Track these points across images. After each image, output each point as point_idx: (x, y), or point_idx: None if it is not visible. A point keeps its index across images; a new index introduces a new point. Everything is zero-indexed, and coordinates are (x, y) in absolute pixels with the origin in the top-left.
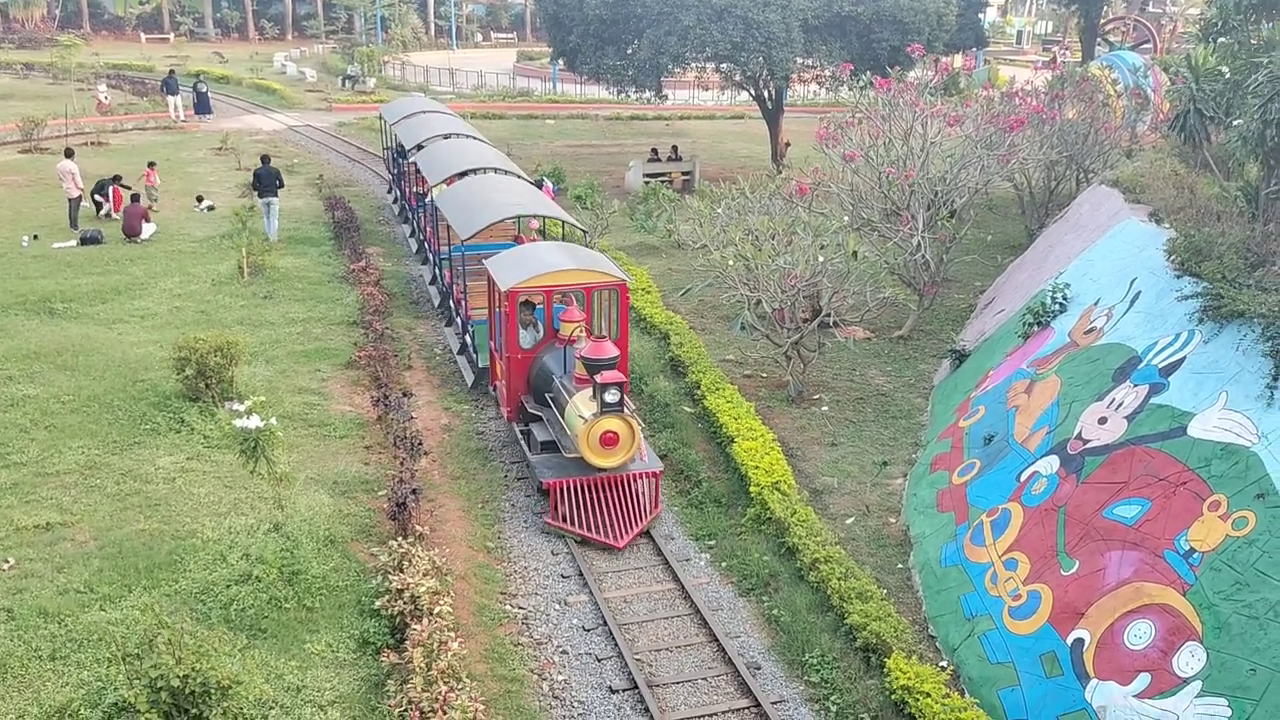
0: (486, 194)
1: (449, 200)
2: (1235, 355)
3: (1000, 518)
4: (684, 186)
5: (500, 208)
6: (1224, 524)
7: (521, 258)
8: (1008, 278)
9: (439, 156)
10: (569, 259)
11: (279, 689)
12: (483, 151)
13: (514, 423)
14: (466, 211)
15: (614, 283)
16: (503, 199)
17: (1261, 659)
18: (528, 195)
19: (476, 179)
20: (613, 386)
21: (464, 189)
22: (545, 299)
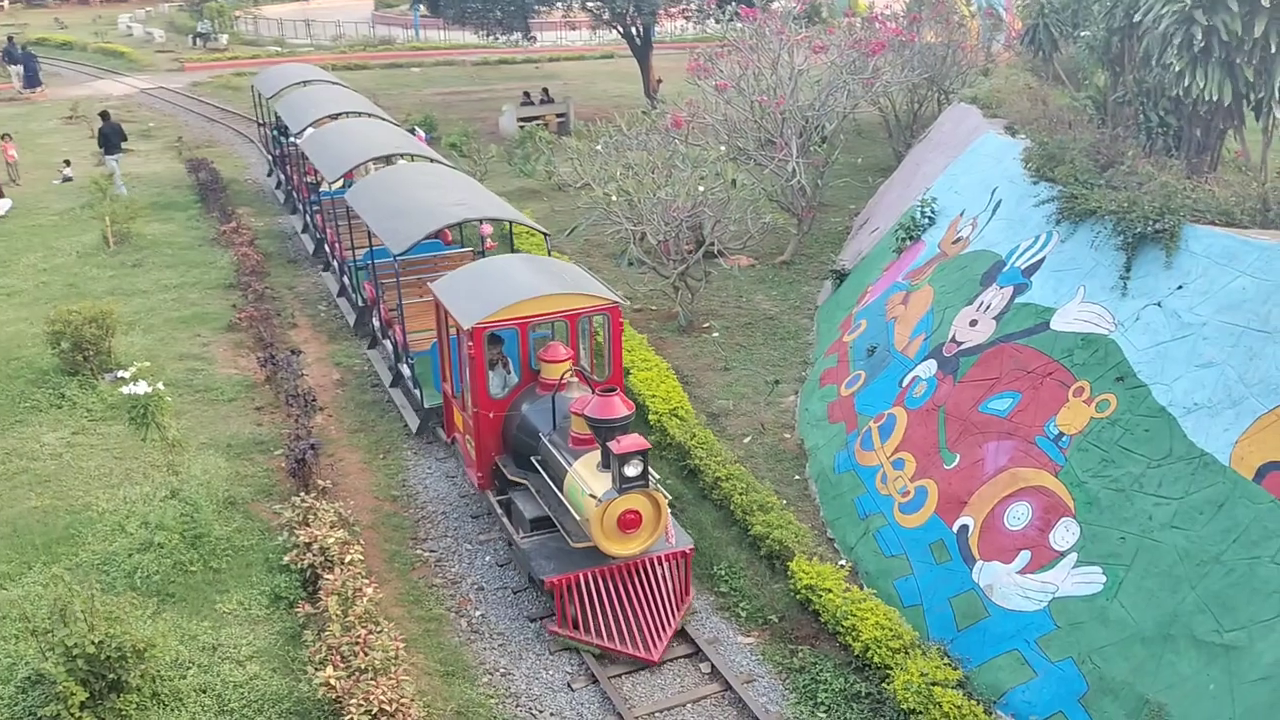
0: (414, 194)
1: (366, 200)
2: (1090, 252)
3: (886, 422)
4: (559, 128)
5: (438, 212)
6: (1088, 408)
7: (482, 280)
8: (879, 198)
9: (336, 146)
10: (546, 280)
11: (194, 649)
12: (390, 136)
13: (488, 491)
14: (396, 220)
15: (605, 306)
16: (437, 199)
17: (1129, 528)
18: (466, 190)
19: (393, 173)
20: (634, 457)
21: (379, 187)
22: (521, 334)
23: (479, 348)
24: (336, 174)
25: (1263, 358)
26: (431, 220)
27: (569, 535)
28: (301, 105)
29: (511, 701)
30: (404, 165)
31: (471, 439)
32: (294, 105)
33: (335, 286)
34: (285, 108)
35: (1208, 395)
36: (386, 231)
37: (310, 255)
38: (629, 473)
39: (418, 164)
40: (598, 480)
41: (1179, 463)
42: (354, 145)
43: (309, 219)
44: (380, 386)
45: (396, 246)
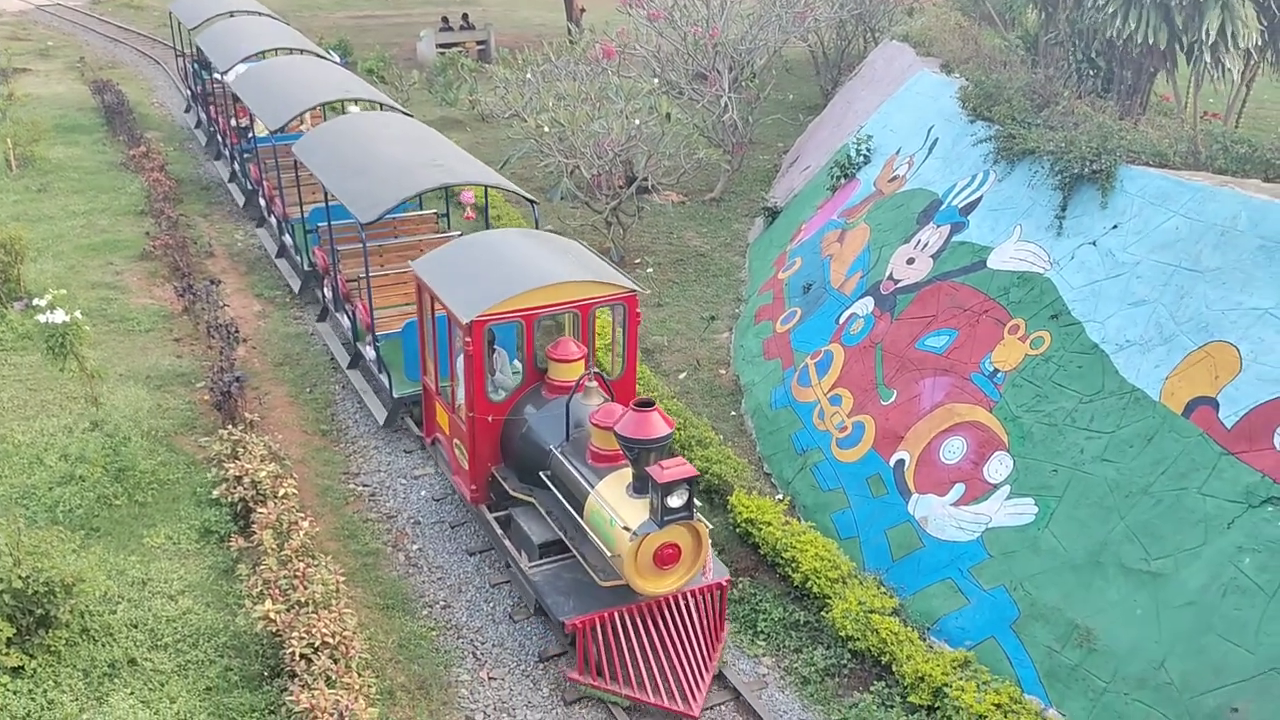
0: (380, 151)
1: (322, 154)
2: (1027, 191)
3: (823, 359)
4: (480, 56)
5: (412, 175)
6: (1023, 345)
7: (478, 262)
8: (810, 136)
9: (276, 88)
10: (555, 264)
11: (123, 584)
12: (337, 77)
13: (481, 505)
14: (360, 181)
15: (620, 295)
16: (407, 157)
17: (1061, 460)
18: (437, 147)
19: (351, 123)
20: (680, 486)
21: (337, 140)
22: (525, 327)
23: (478, 344)
24: (279, 121)
25: (1193, 296)
26: (405, 184)
27: (593, 570)
28: (228, 39)
29: (453, 633)
30: (362, 115)
31: (463, 446)
32: (220, 39)
33: (274, 246)
34: (210, 41)
35: (1139, 332)
36: (350, 194)
37: (241, 208)
38: (673, 504)
39: (380, 114)
40: (629, 507)
41: (1110, 398)
42: (297, 88)
43: (238, 167)
44: (304, 320)
45: (364, 214)
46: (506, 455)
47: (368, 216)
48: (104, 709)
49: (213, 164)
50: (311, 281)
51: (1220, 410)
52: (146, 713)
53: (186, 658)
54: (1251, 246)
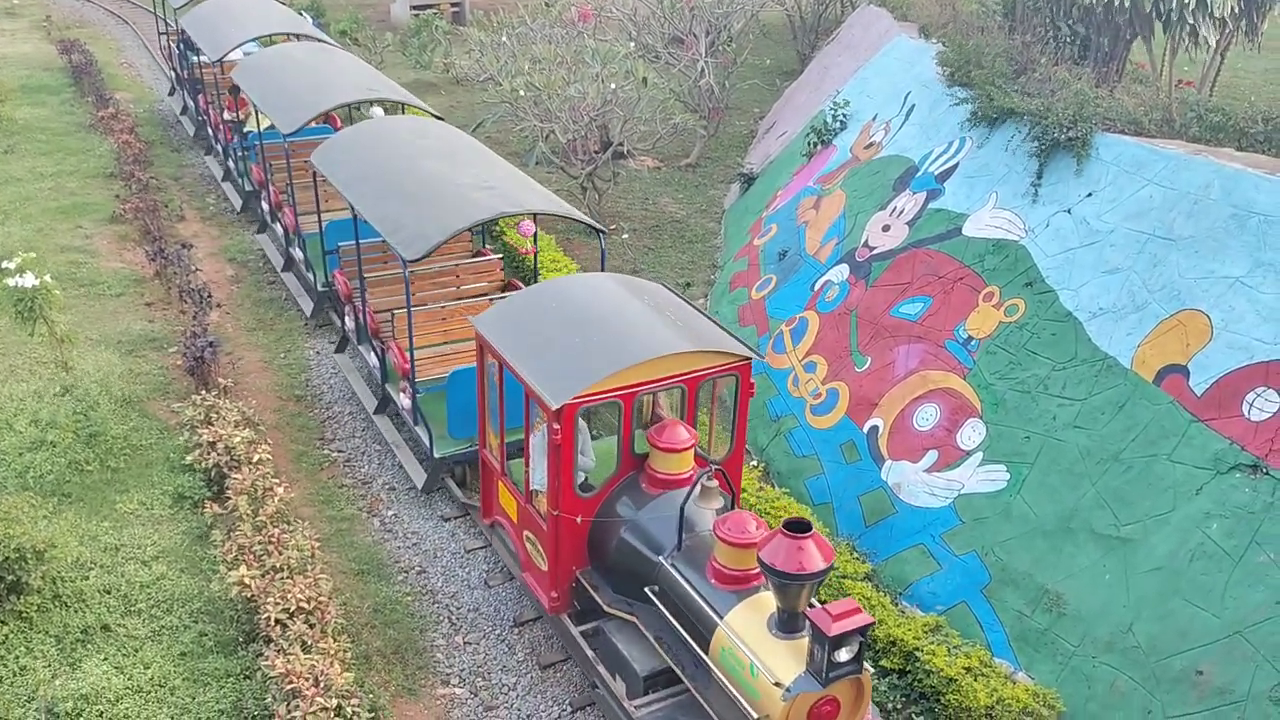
0: (417, 166)
1: (345, 166)
2: (1004, 157)
3: (798, 326)
4: (454, 18)
5: (467, 200)
6: (997, 312)
7: (557, 320)
8: (786, 101)
9: (288, 84)
10: (652, 322)
11: (95, 550)
12: (356, 69)
13: (562, 615)
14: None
15: (735, 364)
16: (451, 175)
17: (1034, 427)
18: (485, 164)
19: (376, 130)
20: (852, 636)
21: (363, 149)
22: (625, 408)
23: (568, 432)
24: (294, 124)
25: (1166, 265)
26: (456, 215)
27: None
28: (220, 21)
29: (428, 598)
30: (392, 121)
31: (539, 543)
32: (210, 21)
33: (279, 258)
34: (197, 24)
35: (1112, 300)
36: (389, 224)
37: (238, 212)
38: (842, 658)
39: (413, 120)
40: (774, 651)
41: (1083, 365)
42: (311, 85)
43: (233, 165)
44: (276, 284)
45: (409, 249)
46: (596, 558)
47: (414, 252)
48: (77, 675)
49: (203, 158)
50: (327, 304)
51: (1191, 378)
52: (120, 678)
53: (160, 623)
54: (1224, 215)
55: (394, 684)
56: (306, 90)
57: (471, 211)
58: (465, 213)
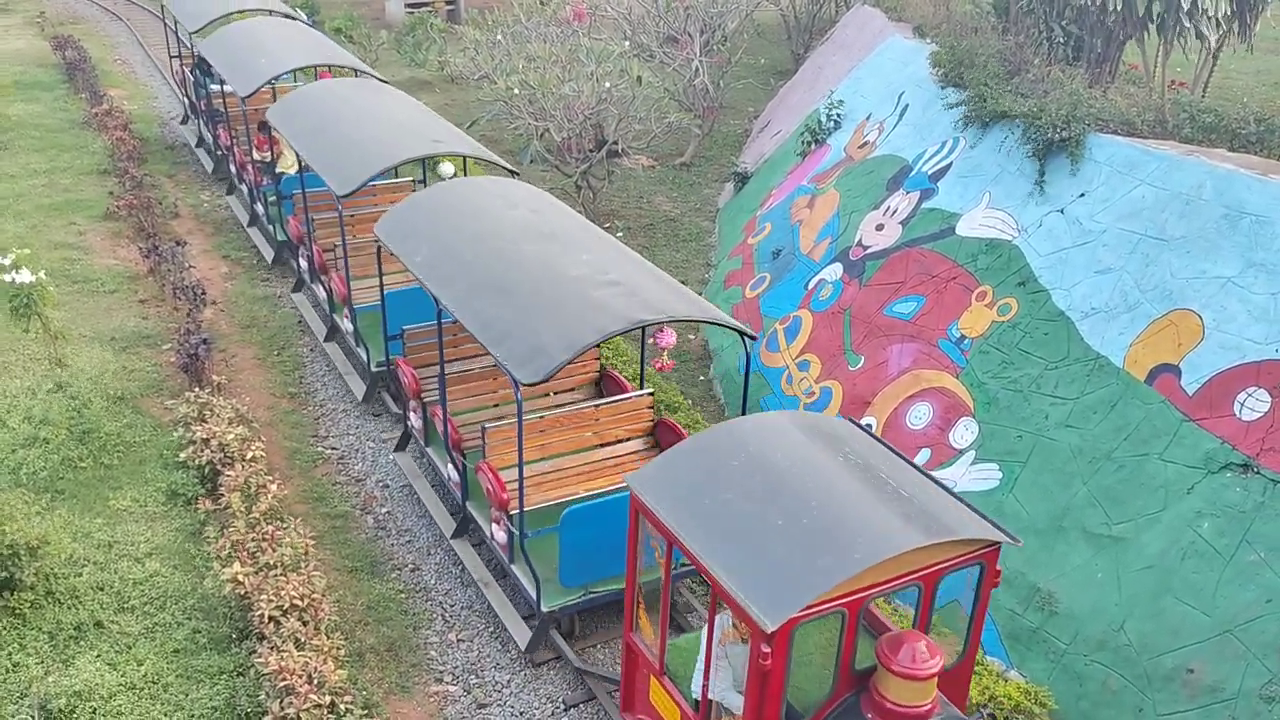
0: (517, 252)
1: (418, 240)
2: (997, 157)
3: (792, 325)
4: (449, 16)
5: (589, 296)
6: (990, 311)
7: (754, 497)
8: (780, 100)
9: (344, 135)
10: (880, 498)
11: (89, 546)
12: (423, 118)
13: None
14: (507, 309)
15: (981, 552)
16: (556, 257)
17: (1026, 426)
18: (597, 243)
19: (447, 193)
20: None
21: (434, 213)
22: (849, 617)
23: (782, 654)
24: (351, 184)
25: (1158, 265)
26: (590, 321)
27: None
28: (246, 51)
29: (422, 596)
30: (470, 183)
31: None
32: (234, 50)
33: (319, 322)
34: (220, 52)
35: (1105, 300)
36: (508, 341)
37: (270, 265)
38: None
39: (498, 180)
40: None
41: (1075, 365)
42: (370, 133)
43: (263, 210)
44: (270, 280)
45: (526, 373)
46: None
47: (531, 374)
48: (70, 671)
49: (225, 198)
50: (381, 387)
51: (1182, 377)
52: (114, 675)
53: (154, 620)
54: (1216, 215)
55: (387, 681)
56: (361, 140)
57: (602, 320)
58: (593, 321)
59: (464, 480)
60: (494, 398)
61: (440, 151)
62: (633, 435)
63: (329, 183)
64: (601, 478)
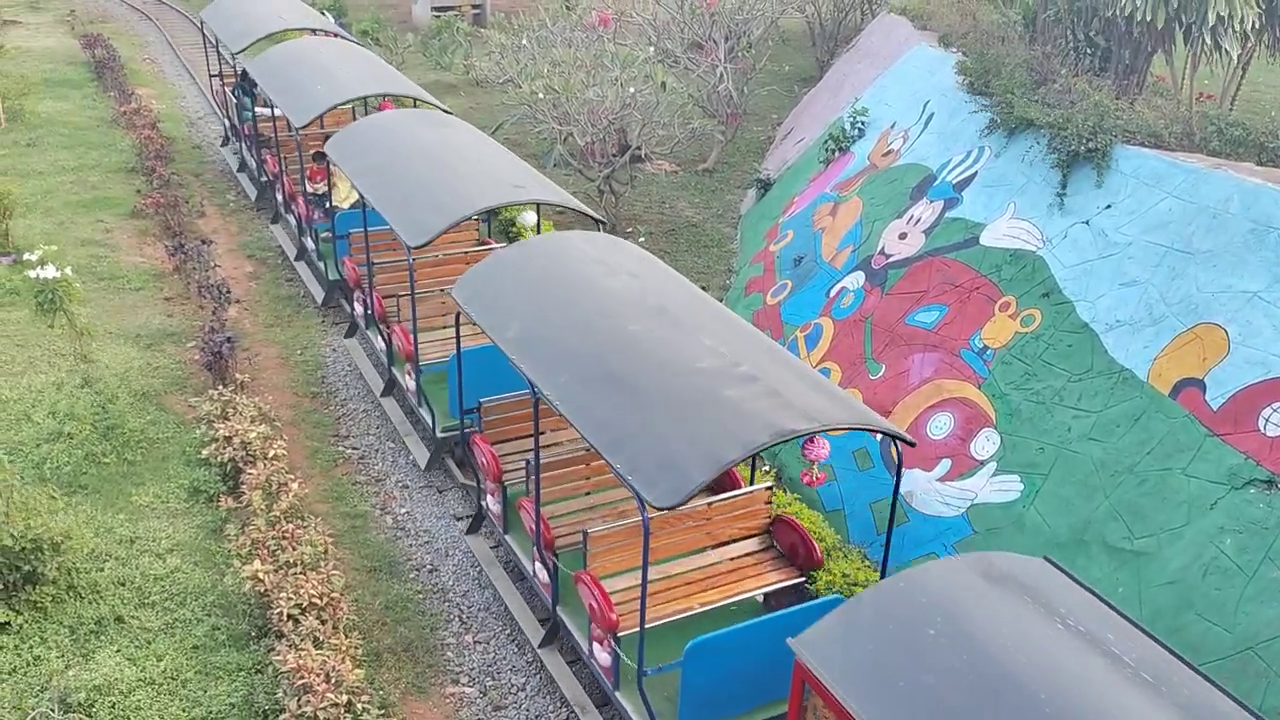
0: (619, 322)
1: (506, 312)
2: (1022, 168)
3: (813, 332)
4: (475, 20)
5: (737, 408)
6: (1013, 322)
7: (986, 701)
8: (804, 107)
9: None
10: None
11: (110, 542)
12: (498, 157)
13: None
14: (634, 413)
15: None
16: (679, 340)
17: (1048, 439)
18: (723, 325)
19: (537, 252)
20: None
21: (523, 278)
22: None
23: None
24: (426, 234)
25: (1184, 278)
26: (736, 435)
27: None
28: (300, 77)
29: (439, 597)
30: (560, 239)
31: None
32: (286, 75)
33: (377, 376)
34: (270, 77)
35: (1129, 313)
36: (642, 460)
37: (320, 306)
38: None
39: (595, 235)
40: None
41: (1099, 377)
42: (444, 178)
43: (314, 246)
44: (294, 281)
45: (660, 499)
46: None
47: (668, 497)
48: (90, 666)
49: (268, 227)
50: (448, 451)
51: (1207, 392)
52: (133, 670)
53: (174, 616)
54: (1243, 230)
55: (404, 681)
56: (434, 183)
57: (746, 430)
58: (736, 432)
59: (554, 583)
60: (587, 485)
61: (523, 199)
62: (748, 534)
63: (399, 231)
64: (715, 589)
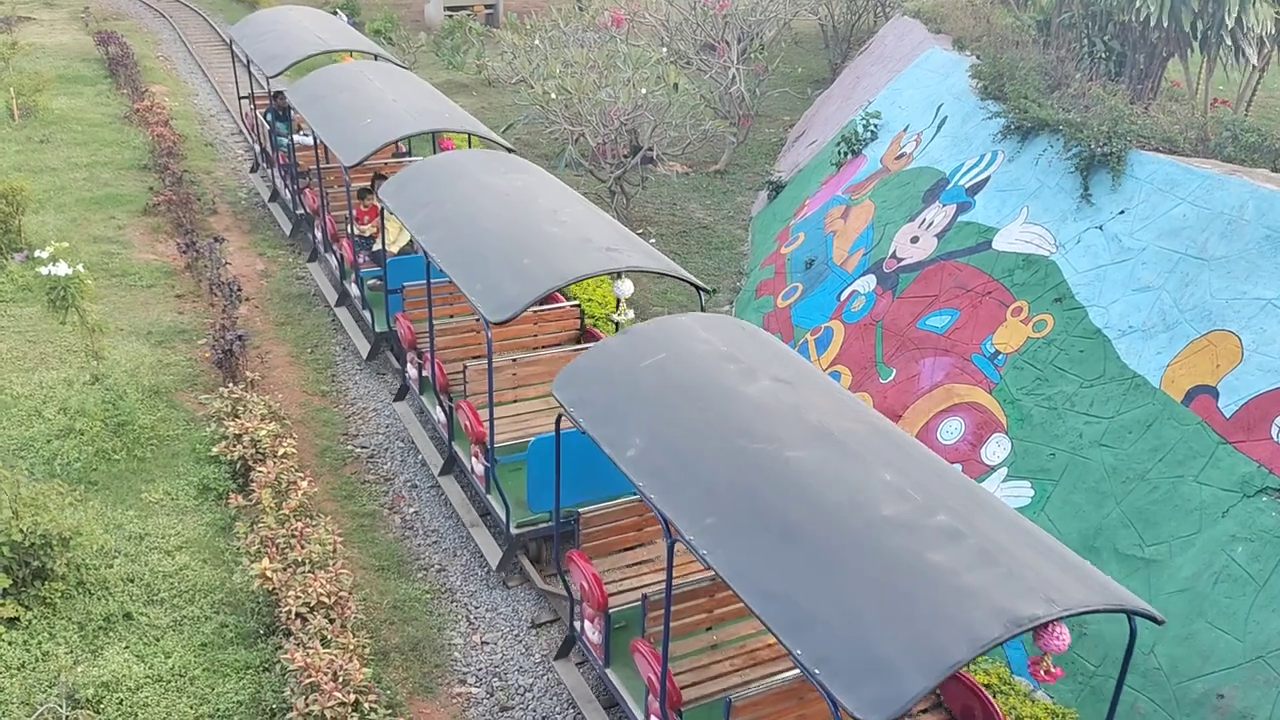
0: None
1: (618, 418)
2: (1035, 172)
3: (823, 335)
4: (488, 20)
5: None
6: (1025, 327)
7: None
8: (817, 110)
9: (474, 233)
10: None
11: (120, 538)
12: (577, 209)
13: None
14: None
15: None
16: (842, 469)
17: (1059, 444)
18: (893, 444)
19: (650, 340)
20: None
21: (633, 374)
22: None
23: None
24: (508, 309)
25: (1197, 284)
26: (969, 632)
27: None
28: (346, 106)
29: (447, 597)
30: (675, 325)
31: None
32: (330, 103)
33: (432, 451)
34: (314, 105)
35: (1143, 319)
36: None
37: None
38: None
39: (718, 317)
40: None
41: (1111, 383)
42: (524, 240)
43: (359, 293)
44: (305, 279)
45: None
46: None
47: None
48: (99, 662)
49: (305, 263)
50: (518, 553)
51: (1220, 399)
52: (141, 666)
53: (182, 613)
54: (1258, 236)
55: (411, 681)
56: (514, 247)
57: (981, 623)
58: (965, 622)
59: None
60: (708, 619)
61: (619, 266)
62: None
63: (477, 305)
64: None
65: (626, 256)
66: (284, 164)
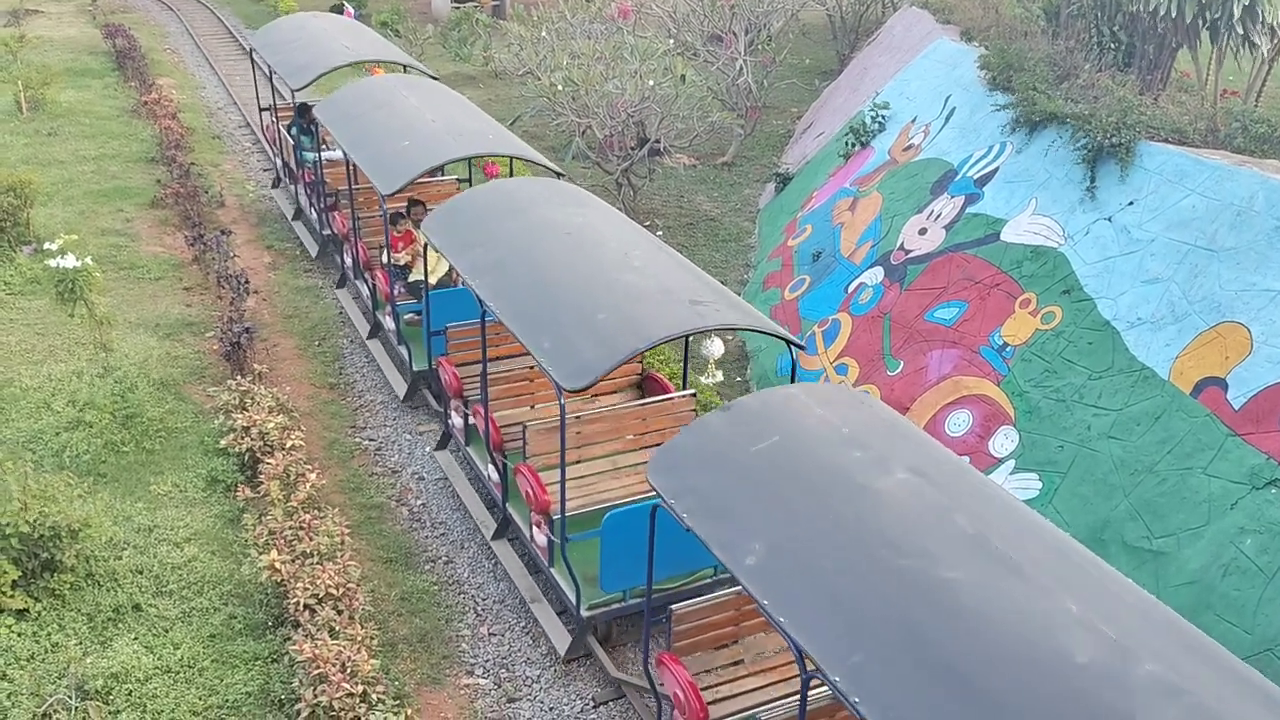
0: None
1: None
2: (1044, 163)
3: (830, 328)
4: (495, 12)
5: None
6: (1034, 319)
7: None
8: (824, 101)
9: (539, 277)
10: None
11: (129, 530)
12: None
13: None
14: None
15: None
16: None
17: (1067, 437)
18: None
19: (757, 419)
20: None
21: (734, 462)
22: None
23: None
24: (586, 377)
25: (1207, 276)
26: None
27: None
28: (381, 125)
29: (454, 589)
30: (784, 397)
31: None
32: (364, 122)
33: (486, 518)
34: (346, 125)
35: (1151, 310)
36: None
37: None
38: None
39: (838, 393)
40: None
41: (1120, 375)
42: (604, 291)
43: (394, 326)
44: (313, 272)
45: None
46: None
47: None
48: (108, 653)
49: (333, 290)
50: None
51: (1229, 391)
52: (150, 658)
53: (191, 604)
54: (1268, 228)
55: (419, 672)
56: (584, 300)
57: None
58: None
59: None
60: None
61: (711, 325)
62: None
63: (550, 371)
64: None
65: (714, 311)
66: (309, 181)
